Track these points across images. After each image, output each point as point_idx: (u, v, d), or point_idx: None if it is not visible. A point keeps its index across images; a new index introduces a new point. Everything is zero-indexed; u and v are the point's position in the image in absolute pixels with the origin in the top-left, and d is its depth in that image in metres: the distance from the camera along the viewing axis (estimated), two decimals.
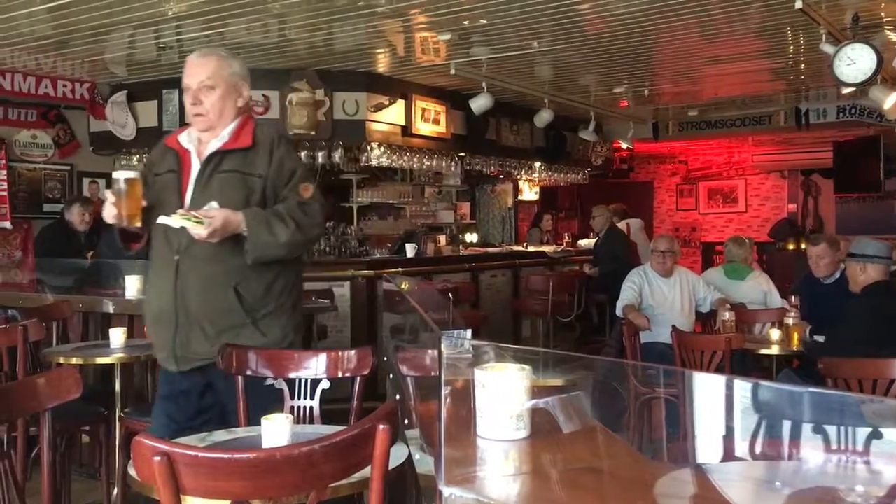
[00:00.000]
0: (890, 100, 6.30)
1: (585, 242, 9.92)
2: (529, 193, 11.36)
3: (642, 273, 5.61)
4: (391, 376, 3.44)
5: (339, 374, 2.73)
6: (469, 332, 2.25)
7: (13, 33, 5.73)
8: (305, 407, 2.70)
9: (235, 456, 1.63)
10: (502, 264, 8.33)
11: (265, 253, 2.71)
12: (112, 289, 4.96)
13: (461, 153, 8.62)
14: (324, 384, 2.71)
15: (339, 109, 7.00)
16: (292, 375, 2.72)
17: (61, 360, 3.67)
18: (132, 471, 1.76)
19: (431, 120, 7.81)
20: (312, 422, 2.68)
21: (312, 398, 2.70)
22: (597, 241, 8.91)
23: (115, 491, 3.79)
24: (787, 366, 4.76)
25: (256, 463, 1.60)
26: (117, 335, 3.85)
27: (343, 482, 1.78)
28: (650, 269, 5.60)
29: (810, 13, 5.11)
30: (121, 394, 3.78)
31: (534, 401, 1.74)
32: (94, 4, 4.99)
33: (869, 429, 1.58)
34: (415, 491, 2.11)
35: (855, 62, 5.33)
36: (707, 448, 1.68)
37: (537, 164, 9.85)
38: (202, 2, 5.01)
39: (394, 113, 7.40)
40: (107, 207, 2.71)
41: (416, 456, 2.03)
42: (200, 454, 1.61)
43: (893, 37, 5.93)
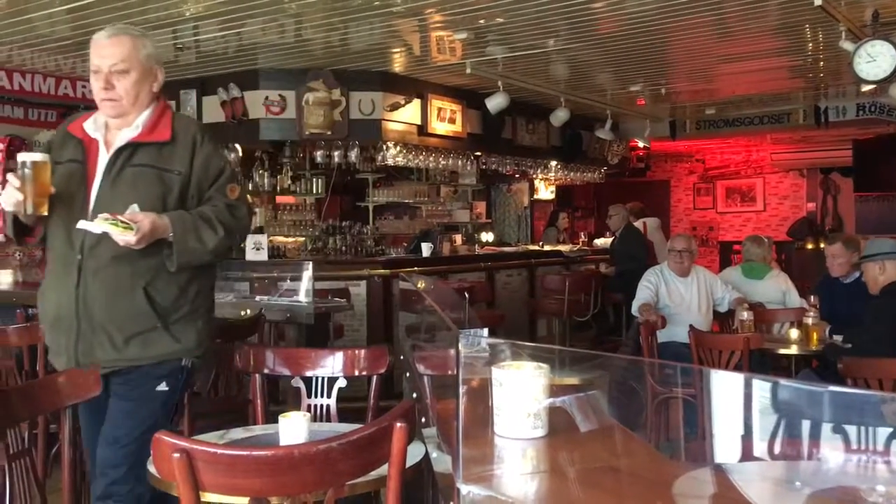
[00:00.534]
0: None
1: (602, 242, 9.89)
2: (545, 192, 11.33)
3: (659, 272, 5.57)
4: (407, 375, 3.45)
5: (356, 373, 2.74)
6: (485, 331, 2.25)
7: (33, 34, 5.79)
8: (322, 405, 2.71)
9: (254, 453, 1.64)
10: (518, 264, 8.32)
11: (191, 260, 2.47)
12: None
13: (477, 152, 8.62)
14: (340, 382, 2.72)
15: (356, 109, 7.01)
16: (309, 374, 2.74)
17: None
18: (152, 468, 1.77)
19: (447, 119, 7.81)
20: (329, 420, 2.70)
21: (329, 396, 2.72)
22: (613, 241, 8.88)
23: None
24: (807, 366, 4.73)
25: (275, 460, 1.61)
26: None
27: (360, 480, 1.79)
28: (667, 269, 5.56)
29: (830, 10, 5.07)
30: None
31: (551, 399, 1.73)
32: (113, 5, 5.04)
33: (890, 429, 1.56)
34: (431, 489, 2.11)
35: (875, 59, 5.28)
36: (725, 448, 1.67)
37: (553, 164, 9.83)
38: (219, 2, 5.04)
39: (410, 112, 7.41)
40: (7, 192, 2.38)
41: (434, 454, 2.03)
42: (219, 451, 1.62)
43: None
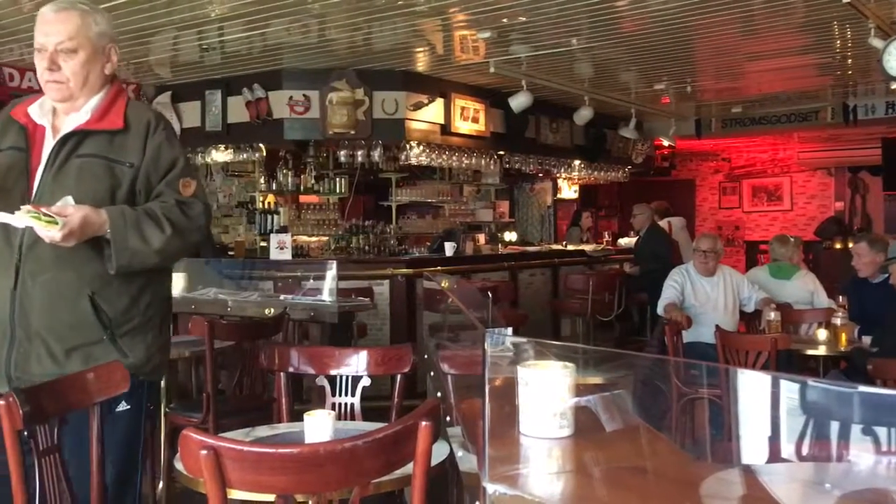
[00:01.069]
0: None
1: (626, 241, 9.83)
2: (569, 192, 11.29)
3: (684, 272, 5.53)
4: (431, 374, 3.45)
5: (380, 372, 2.75)
6: (510, 331, 2.24)
7: None
8: (346, 404, 2.73)
9: (280, 451, 1.65)
10: (541, 263, 8.30)
11: (133, 261, 2.22)
12: None
13: (500, 152, 8.61)
14: (364, 381, 2.73)
15: (379, 108, 7.03)
16: (333, 372, 2.75)
17: None
18: (179, 465, 1.79)
19: (470, 118, 7.81)
20: (353, 418, 2.71)
21: (353, 395, 2.73)
22: (638, 240, 8.81)
23: (161, 485, 3.86)
24: (835, 367, 4.67)
25: (300, 458, 1.62)
26: None
27: (385, 478, 1.79)
28: (692, 268, 5.51)
29: (858, 7, 5.01)
30: (166, 389, 3.84)
31: (576, 398, 1.73)
32: (140, 7, 5.09)
33: None
34: (456, 488, 2.11)
35: None
36: (752, 449, 1.65)
37: (577, 163, 9.79)
38: (244, 3, 5.08)
39: (433, 111, 7.42)
40: None
41: (459, 453, 2.03)
42: (246, 448, 1.63)
43: None
